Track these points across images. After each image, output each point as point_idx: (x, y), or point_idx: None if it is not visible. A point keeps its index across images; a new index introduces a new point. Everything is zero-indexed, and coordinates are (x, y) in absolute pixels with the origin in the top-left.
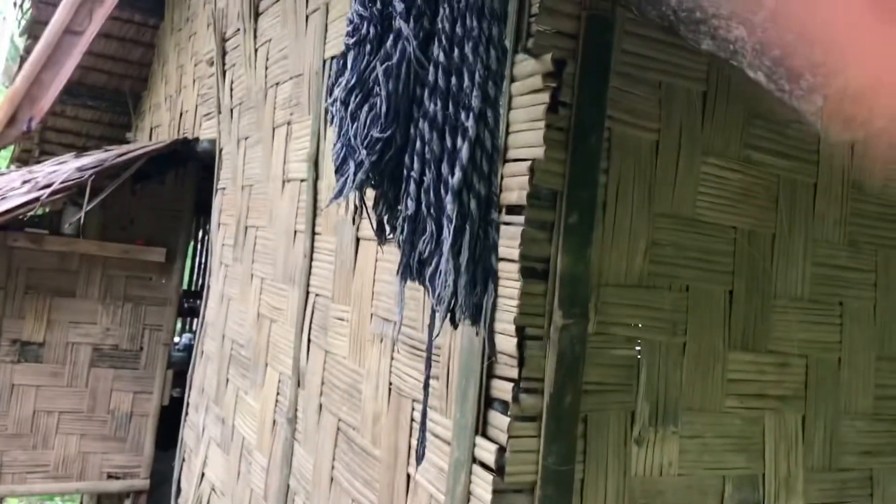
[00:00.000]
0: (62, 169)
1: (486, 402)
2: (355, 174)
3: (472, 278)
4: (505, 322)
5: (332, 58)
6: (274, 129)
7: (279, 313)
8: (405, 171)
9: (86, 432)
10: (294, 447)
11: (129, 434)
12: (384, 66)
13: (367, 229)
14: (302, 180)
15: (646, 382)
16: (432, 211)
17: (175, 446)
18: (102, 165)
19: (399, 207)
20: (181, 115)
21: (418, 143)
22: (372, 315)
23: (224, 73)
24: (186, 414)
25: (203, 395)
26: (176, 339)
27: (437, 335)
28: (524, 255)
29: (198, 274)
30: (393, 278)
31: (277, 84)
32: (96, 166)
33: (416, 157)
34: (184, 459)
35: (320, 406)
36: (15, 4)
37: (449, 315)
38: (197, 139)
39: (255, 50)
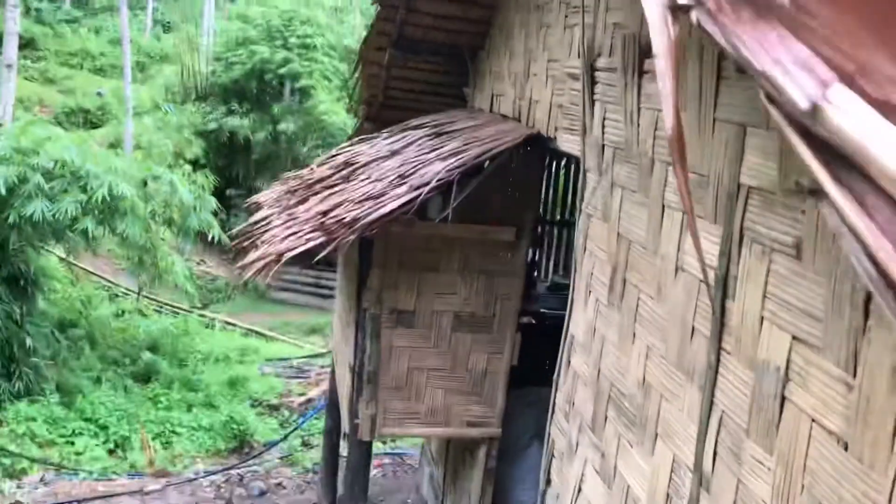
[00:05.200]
0: (431, 170)
1: None
2: None
3: None
4: None
5: (750, 187)
6: (664, 208)
7: (673, 397)
8: None
9: (449, 387)
10: None
11: (483, 389)
12: None
13: (801, 397)
14: (701, 281)
15: None
16: None
17: (518, 401)
18: (466, 165)
19: None
20: (531, 102)
21: None
22: (803, 487)
23: (593, 102)
24: (553, 412)
25: (574, 410)
26: None
27: None
28: None
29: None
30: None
31: (668, 164)
32: (461, 165)
33: None
34: (553, 456)
35: None
36: None
37: None
38: (553, 138)
39: (639, 109)
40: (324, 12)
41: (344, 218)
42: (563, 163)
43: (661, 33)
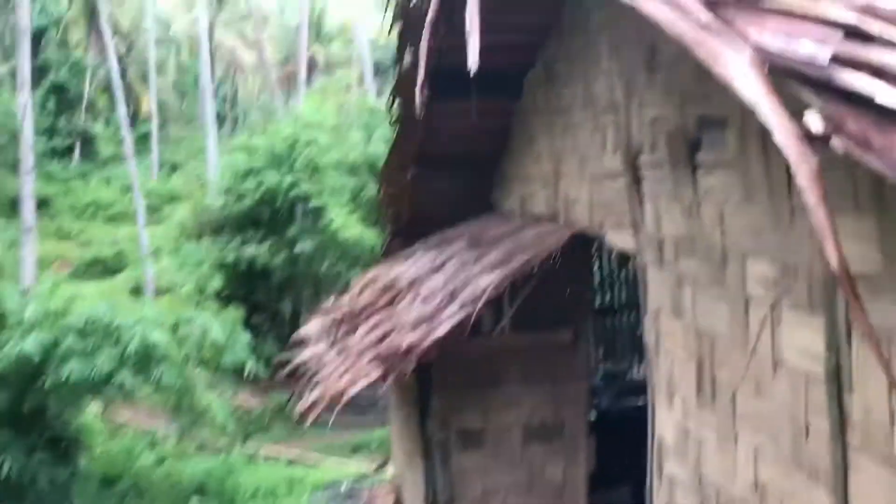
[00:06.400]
0: (480, 283)
1: None
2: None
3: None
4: None
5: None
6: (747, 300)
7: (794, 499)
8: None
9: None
10: None
11: (564, 501)
12: None
13: None
14: (808, 374)
15: None
16: None
17: None
18: (514, 275)
19: None
20: (567, 201)
21: None
22: None
23: (641, 197)
24: None
25: None
26: None
27: None
28: None
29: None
30: None
31: (745, 255)
32: (510, 275)
33: None
34: None
35: None
36: None
37: None
38: (598, 236)
39: (698, 202)
40: (325, 132)
41: (400, 345)
42: (594, 251)
43: (800, 165)
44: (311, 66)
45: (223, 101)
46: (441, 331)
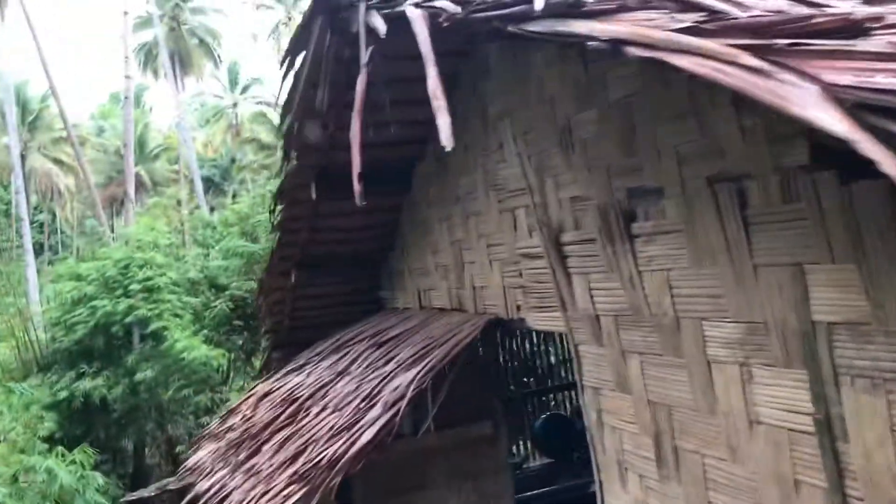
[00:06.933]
0: (401, 381)
1: None
2: None
3: None
4: None
5: (830, 323)
6: (710, 364)
7: None
8: None
9: None
10: None
11: None
12: None
13: None
14: (792, 430)
15: None
16: None
17: None
18: (434, 369)
19: None
20: (475, 289)
21: None
22: None
23: (569, 275)
24: None
25: None
26: None
27: None
28: None
29: None
30: None
31: (703, 320)
32: (432, 369)
33: None
34: None
35: None
36: None
37: None
38: (514, 320)
39: (639, 272)
40: (160, 251)
41: (321, 459)
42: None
43: None
44: (138, 185)
45: (41, 230)
46: (366, 437)
